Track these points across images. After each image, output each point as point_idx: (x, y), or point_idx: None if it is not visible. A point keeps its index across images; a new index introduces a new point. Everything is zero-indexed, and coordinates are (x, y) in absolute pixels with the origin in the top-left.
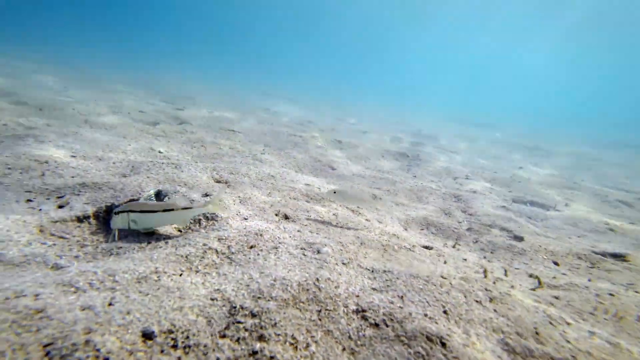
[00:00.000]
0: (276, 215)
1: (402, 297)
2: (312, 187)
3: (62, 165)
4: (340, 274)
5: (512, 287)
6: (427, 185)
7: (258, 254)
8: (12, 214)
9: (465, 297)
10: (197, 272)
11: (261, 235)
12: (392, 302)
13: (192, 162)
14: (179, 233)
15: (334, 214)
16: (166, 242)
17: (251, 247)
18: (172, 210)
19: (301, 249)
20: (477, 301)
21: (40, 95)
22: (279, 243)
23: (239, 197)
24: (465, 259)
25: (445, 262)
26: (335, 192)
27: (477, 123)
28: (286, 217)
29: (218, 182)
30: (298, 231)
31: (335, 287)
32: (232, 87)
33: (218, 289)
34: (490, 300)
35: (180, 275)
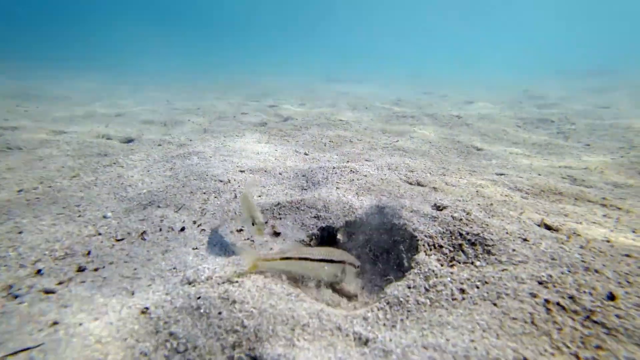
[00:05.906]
0: (538, 225)
1: None
2: (503, 177)
3: (242, 183)
4: None
5: None
6: None
7: None
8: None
9: None
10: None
11: (595, 271)
12: None
13: (353, 163)
14: (439, 266)
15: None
16: (462, 292)
17: (612, 297)
18: None
19: None
20: None
21: (158, 109)
22: None
23: (480, 204)
24: None
25: None
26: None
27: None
28: (548, 227)
29: (410, 183)
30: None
31: None
32: (295, 79)
33: None
34: None
35: None
